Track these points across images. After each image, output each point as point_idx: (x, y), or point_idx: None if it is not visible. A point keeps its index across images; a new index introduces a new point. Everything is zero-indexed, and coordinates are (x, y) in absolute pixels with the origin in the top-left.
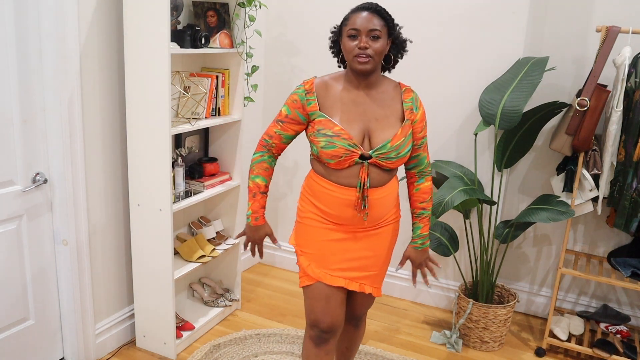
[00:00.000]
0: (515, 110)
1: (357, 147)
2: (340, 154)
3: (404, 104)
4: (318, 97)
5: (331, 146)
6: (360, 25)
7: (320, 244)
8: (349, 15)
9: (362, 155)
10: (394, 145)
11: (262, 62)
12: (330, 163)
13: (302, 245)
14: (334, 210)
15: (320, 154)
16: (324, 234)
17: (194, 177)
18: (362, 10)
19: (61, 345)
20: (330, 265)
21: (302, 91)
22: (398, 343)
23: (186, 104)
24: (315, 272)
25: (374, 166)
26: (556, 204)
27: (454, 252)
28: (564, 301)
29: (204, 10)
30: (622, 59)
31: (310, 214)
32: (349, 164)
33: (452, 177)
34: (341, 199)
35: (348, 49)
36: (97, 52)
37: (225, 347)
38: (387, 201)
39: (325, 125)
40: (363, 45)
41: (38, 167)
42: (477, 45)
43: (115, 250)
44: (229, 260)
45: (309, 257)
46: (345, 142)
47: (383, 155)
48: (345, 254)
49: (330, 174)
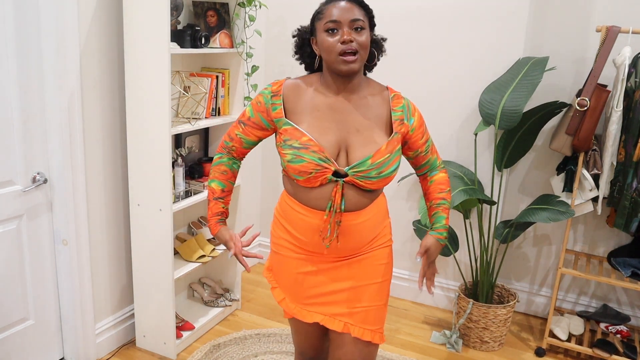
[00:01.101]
0: (515, 110)
1: (330, 161)
2: (309, 170)
3: (393, 113)
4: (285, 101)
5: (298, 160)
6: (339, 17)
7: (293, 277)
8: (322, 8)
9: (337, 172)
10: (375, 163)
11: (262, 62)
12: (299, 180)
13: (276, 277)
14: (305, 236)
15: (288, 169)
16: (297, 266)
17: (194, 177)
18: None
19: (61, 345)
20: (304, 299)
21: (269, 92)
22: (398, 343)
23: (186, 104)
24: (290, 307)
25: (352, 186)
26: (556, 204)
27: (454, 252)
28: (564, 301)
29: (204, 10)
30: (622, 59)
31: (282, 240)
32: (321, 182)
33: (452, 177)
34: (311, 223)
35: (328, 47)
36: (97, 52)
37: (225, 347)
38: (367, 227)
39: (292, 135)
40: (347, 38)
41: (38, 167)
42: (477, 45)
43: (115, 250)
44: (229, 260)
45: (284, 290)
46: (315, 156)
47: (361, 174)
48: (322, 287)
49: (299, 193)
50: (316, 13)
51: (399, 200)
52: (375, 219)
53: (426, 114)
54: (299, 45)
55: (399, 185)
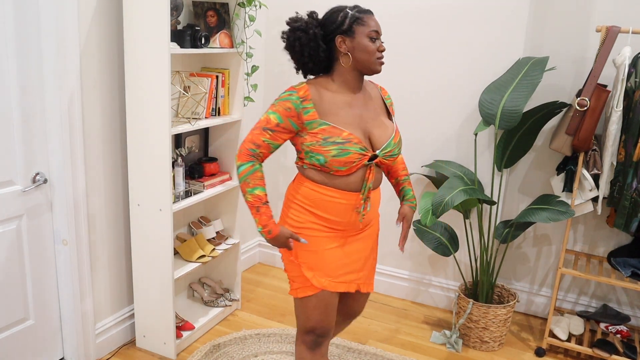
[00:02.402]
0: (515, 110)
1: (367, 149)
2: (353, 160)
3: (386, 100)
4: (315, 104)
5: (344, 153)
6: (379, 29)
7: (322, 254)
8: (361, 16)
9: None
10: (396, 142)
11: (262, 62)
12: (340, 171)
13: (304, 258)
14: (337, 216)
15: (331, 163)
16: (325, 243)
17: (194, 177)
18: (371, 13)
19: (61, 345)
20: (333, 272)
21: (297, 98)
22: (398, 343)
23: (186, 103)
24: (321, 282)
25: (376, 166)
26: (556, 204)
27: (454, 252)
28: (564, 301)
29: (204, 10)
30: (622, 59)
31: (309, 223)
32: (357, 168)
33: (452, 177)
34: (346, 204)
35: (370, 51)
36: (97, 52)
37: (225, 346)
38: (378, 199)
39: (332, 133)
40: (383, 48)
41: (38, 167)
42: (477, 45)
43: (115, 250)
44: (229, 260)
45: (313, 269)
46: (357, 147)
47: (389, 153)
48: (344, 258)
49: (332, 180)
50: (355, 18)
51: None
52: (380, 195)
53: (426, 114)
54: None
55: None
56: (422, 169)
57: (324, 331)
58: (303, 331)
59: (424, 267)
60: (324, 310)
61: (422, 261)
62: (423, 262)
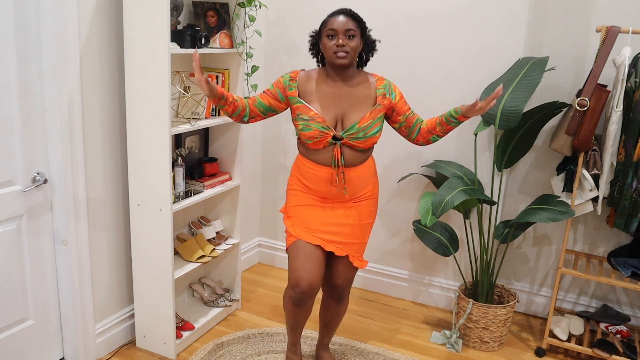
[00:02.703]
0: (515, 110)
1: (330, 129)
2: (315, 135)
3: (377, 90)
4: (299, 85)
5: (307, 128)
6: (337, 27)
7: (302, 208)
8: (327, 19)
9: (335, 136)
10: (361, 127)
11: (262, 62)
12: (308, 143)
13: (289, 210)
14: (315, 185)
15: (300, 135)
16: (306, 200)
17: (194, 177)
18: (339, 14)
19: (61, 345)
20: (310, 226)
21: (287, 77)
22: (398, 343)
23: (186, 104)
24: (296, 231)
25: (348, 147)
26: (556, 204)
27: (454, 252)
28: (564, 301)
29: (204, 10)
30: (622, 59)
31: (296, 185)
32: (324, 144)
33: (452, 177)
34: (319, 175)
35: (327, 48)
36: (97, 52)
37: (228, 345)
38: (363, 178)
39: (303, 111)
40: (340, 43)
41: (38, 167)
42: (477, 45)
43: (115, 250)
44: (229, 260)
45: (293, 220)
46: (319, 125)
47: (352, 136)
48: (324, 218)
49: (310, 153)
50: (322, 23)
51: (399, 200)
52: (367, 174)
53: (426, 114)
54: (313, 44)
55: (399, 185)
56: (422, 169)
57: (306, 285)
58: (289, 285)
59: (424, 267)
60: (303, 260)
61: (422, 261)
62: (423, 262)
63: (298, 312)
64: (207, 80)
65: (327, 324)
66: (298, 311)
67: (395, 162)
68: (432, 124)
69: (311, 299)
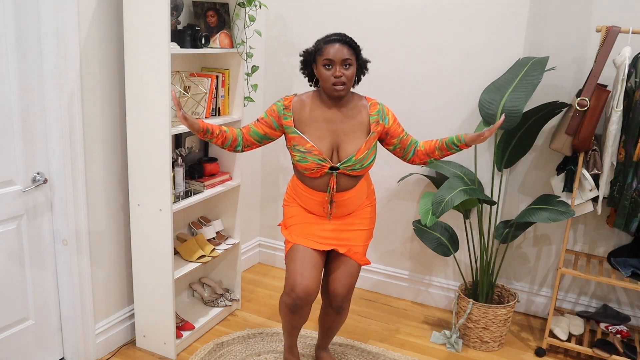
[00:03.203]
0: (515, 110)
1: (327, 161)
2: (312, 167)
3: (371, 117)
4: (294, 114)
5: (304, 161)
6: (334, 56)
7: (300, 218)
8: (322, 46)
9: (332, 166)
10: (358, 158)
11: (262, 62)
12: (305, 173)
13: (287, 222)
14: (310, 208)
15: (296, 165)
16: (302, 212)
17: (194, 177)
18: (334, 42)
19: (61, 345)
20: (307, 235)
21: (281, 105)
22: (398, 343)
23: (186, 104)
24: (294, 237)
25: (342, 174)
26: (556, 204)
27: (454, 252)
28: (564, 301)
29: (204, 10)
30: (622, 59)
31: (293, 202)
32: (321, 174)
33: (452, 177)
34: (314, 200)
35: (324, 78)
36: (97, 52)
37: (228, 345)
38: (355, 199)
39: (299, 142)
40: (338, 74)
41: (38, 167)
42: (477, 45)
43: (115, 250)
44: (229, 260)
45: (291, 229)
46: (315, 158)
47: (349, 167)
48: (323, 227)
49: (306, 180)
50: (317, 49)
51: (399, 200)
52: (360, 194)
53: (426, 114)
54: (304, 65)
55: (399, 185)
56: (422, 169)
57: (302, 290)
58: (285, 292)
59: (424, 267)
60: (300, 263)
61: (422, 261)
62: (423, 262)
63: (294, 318)
64: (185, 116)
65: (326, 330)
66: (294, 317)
67: (395, 162)
68: (430, 147)
69: (307, 306)
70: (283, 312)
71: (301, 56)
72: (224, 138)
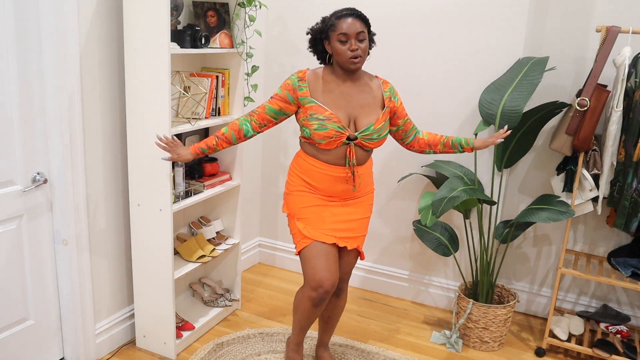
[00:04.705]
0: (515, 110)
1: (345, 129)
2: (331, 135)
3: (384, 93)
4: (309, 85)
5: (323, 128)
6: (348, 30)
7: (312, 209)
8: (335, 22)
9: (349, 137)
10: (376, 128)
11: (262, 62)
12: (321, 143)
13: (297, 212)
14: (324, 185)
15: (313, 136)
16: (315, 201)
17: (194, 177)
18: (347, 16)
19: (61, 345)
20: (323, 226)
21: (296, 77)
22: (398, 343)
23: (186, 104)
24: (312, 233)
25: (358, 147)
26: (556, 204)
27: (454, 252)
28: (564, 301)
29: (204, 10)
30: (622, 59)
31: (300, 186)
32: (337, 144)
33: (452, 177)
34: (331, 175)
35: (340, 52)
36: (97, 52)
37: (228, 345)
38: (367, 176)
39: (317, 111)
40: (354, 47)
41: (38, 167)
42: (477, 45)
43: (115, 250)
44: (229, 260)
45: (304, 221)
46: (335, 125)
47: (367, 137)
48: (334, 217)
49: (320, 153)
50: (329, 25)
51: (399, 200)
52: (370, 170)
53: (426, 114)
54: (312, 43)
55: (399, 185)
56: (422, 169)
57: (330, 284)
58: (311, 287)
59: (424, 267)
60: (324, 259)
61: (422, 261)
62: (423, 262)
63: (315, 312)
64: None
65: (327, 320)
66: (315, 311)
67: (395, 162)
68: (434, 140)
69: (329, 297)
70: (303, 308)
71: (309, 34)
72: (226, 139)
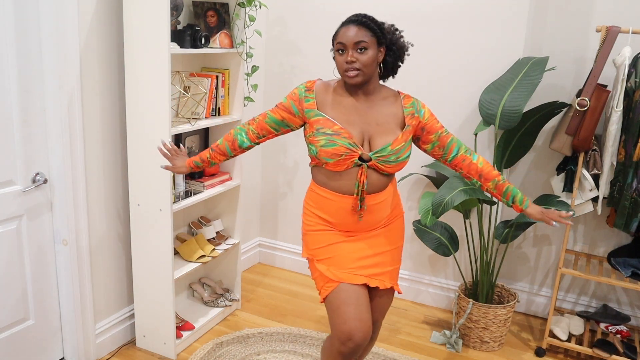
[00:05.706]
0: (515, 110)
1: (357, 146)
2: (340, 153)
3: (405, 109)
4: (317, 96)
5: (331, 144)
6: (345, 40)
7: (332, 247)
8: (338, 29)
9: (362, 157)
10: (394, 149)
11: (262, 62)
12: (329, 163)
13: (316, 253)
14: (337, 218)
15: (320, 153)
16: (334, 238)
17: (194, 177)
18: (349, 23)
19: (61, 345)
20: (347, 265)
21: (303, 87)
22: (398, 343)
23: (186, 104)
24: (336, 274)
25: (373, 170)
26: (556, 204)
27: (454, 252)
28: (564, 301)
29: (204, 10)
30: (622, 59)
31: (315, 225)
32: (348, 165)
33: (452, 177)
34: (341, 207)
35: (337, 64)
36: (97, 52)
37: (228, 345)
38: (385, 205)
39: (325, 125)
40: (349, 59)
41: (38, 167)
42: (477, 45)
43: (115, 250)
44: (229, 260)
45: (326, 262)
46: (345, 141)
47: (383, 158)
48: (357, 253)
49: (330, 180)
50: (335, 32)
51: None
52: (391, 196)
53: None
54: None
55: (399, 185)
56: (422, 169)
57: (361, 338)
58: (339, 341)
59: (424, 267)
60: (354, 305)
61: (422, 261)
62: (423, 262)
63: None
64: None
65: None
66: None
67: None
68: (489, 174)
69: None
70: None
71: None
72: (220, 151)
